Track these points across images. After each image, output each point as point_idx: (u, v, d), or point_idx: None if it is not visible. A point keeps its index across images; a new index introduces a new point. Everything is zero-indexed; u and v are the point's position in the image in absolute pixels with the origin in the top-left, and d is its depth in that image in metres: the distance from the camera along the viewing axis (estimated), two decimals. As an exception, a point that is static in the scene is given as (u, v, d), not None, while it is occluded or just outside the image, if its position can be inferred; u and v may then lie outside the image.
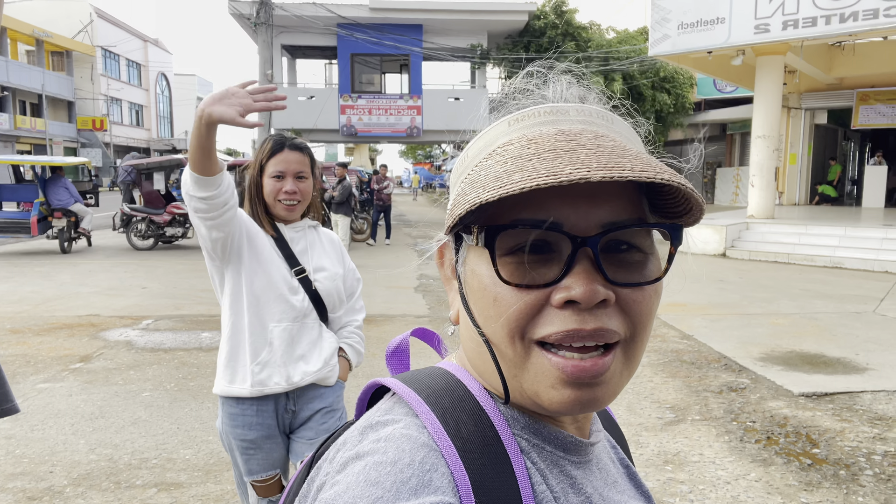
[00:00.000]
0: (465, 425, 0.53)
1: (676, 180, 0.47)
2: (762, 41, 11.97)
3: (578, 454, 0.59)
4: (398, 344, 0.69)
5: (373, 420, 0.55)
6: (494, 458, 0.52)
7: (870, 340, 6.07)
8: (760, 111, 13.10)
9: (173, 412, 4.30)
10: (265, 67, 18.06)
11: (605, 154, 0.48)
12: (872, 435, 3.93)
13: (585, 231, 0.50)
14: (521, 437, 0.56)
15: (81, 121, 40.66)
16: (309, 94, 23.05)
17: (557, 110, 0.56)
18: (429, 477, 0.48)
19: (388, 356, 0.69)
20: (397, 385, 0.57)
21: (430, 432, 0.51)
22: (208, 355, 5.61)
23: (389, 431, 0.52)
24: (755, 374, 5.10)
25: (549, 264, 0.51)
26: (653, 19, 13.10)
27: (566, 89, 0.59)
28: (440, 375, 0.58)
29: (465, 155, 0.59)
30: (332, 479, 0.51)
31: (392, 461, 0.48)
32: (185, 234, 13.53)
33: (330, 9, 21.02)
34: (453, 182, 0.60)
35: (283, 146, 2.04)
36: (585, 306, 0.50)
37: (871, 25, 10.80)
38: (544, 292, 0.51)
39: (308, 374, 2.03)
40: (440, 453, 0.50)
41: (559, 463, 0.57)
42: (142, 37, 48.49)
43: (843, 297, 8.24)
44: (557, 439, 0.57)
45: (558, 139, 0.51)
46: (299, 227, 2.13)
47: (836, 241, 11.42)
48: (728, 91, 21.26)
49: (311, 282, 2.06)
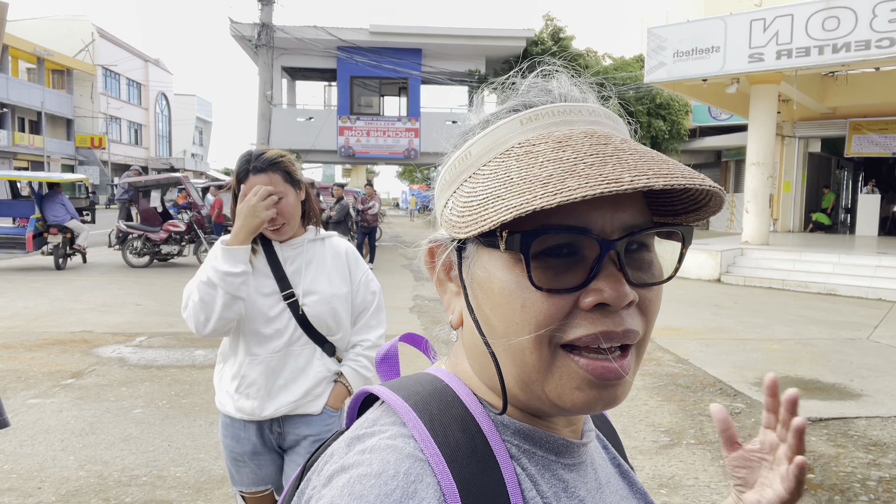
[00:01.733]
0: (452, 432, 0.52)
1: (717, 187, 0.50)
2: (756, 70, 12.14)
3: (571, 456, 0.58)
4: (387, 351, 0.68)
5: (360, 430, 0.54)
6: (483, 465, 0.51)
7: (864, 367, 6.07)
8: (755, 139, 13.24)
9: (164, 429, 4.26)
10: (265, 88, 18.22)
11: (650, 160, 0.49)
12: (867, 461, 3.92)
13: (611, 235, 0.51)
14: (511, 443, 0.55)
15: (80, 138, 40.78)
16: (308, 116, 23.22)
17: (570, 110, 0.55)
18: (413, 488, 0.47)
19: (377, 363, 0.68)
20: (384, 392, 0.56)
21: (417, 440, 0.51)
22: (201, 373, 5.57)
23: (375, 442, 0.51)
24: (750, 399, 5.09)
25: (574, 268, 0.51)
26: (648, 47, 13.29)
27: (570, 87, 0.58)
28: (428, 381, 0.58)
29: (465, 153, 0.56)
30: (318, 493, 0.51)
31: (376, 473, 0.48)
32: (180, 252, 13.52)
33: (331, 32, 21.28)
34: (449, 181, 0.58)
35: (248, 173, 1.90)
36: (615, 308, 0.50)
37: (863, 56, 10.98)
38: (573, 296, 0.51)
39: (282, 406, 1.95)
40: (427, 462, 0.49)
41: (551, 467, 0.56)
42: (143, 56, 48.86)
43: (838, 323, 8.26)
44: (549, 443, 0.57)
45: (593, 143, 0.51)
46: (297, 243, 2.01)
47: (831, 268, 11.47)
48: (723, 119, 21.52)
49: (300, 306, 1.96)
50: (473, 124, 0.59)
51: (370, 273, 2.17)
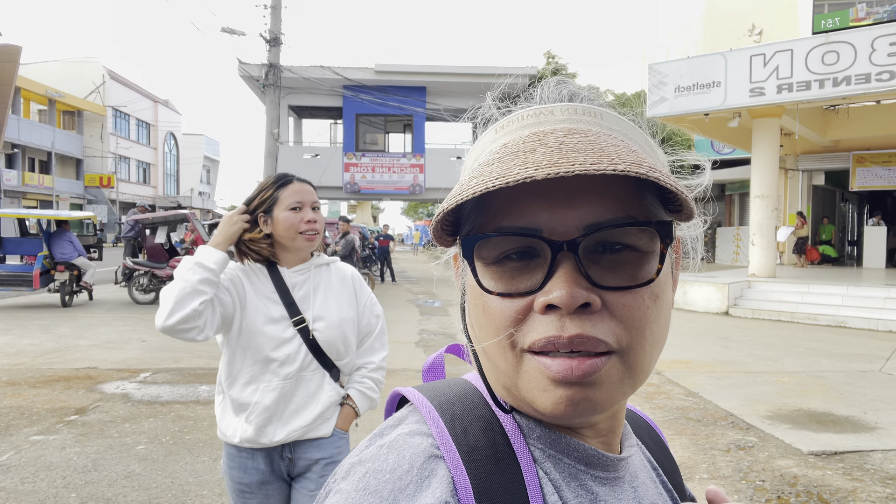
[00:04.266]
0: (473, 431, 0.53)
1: (634, 170, 0.44)
2: (758, 104, 12.26)
3: (605, 469, 0.56)
4: (433, 360, 0.70)
5: (383, 427, 0.56)
6: (502, 465, 0.51)
7: (877, 399, 5.97)
8: (758, 172, 13.29)
9: (168, 466, 4.20)
10: (272, 127, 18.47)
11: (564, 151, 0.47)
12: (885, 495, 3.82)
13: (565, 234, 0.49)
14: (536, 447, 0.54)
15: (89, 178, 41.30)
16: (314, 153, 23.50)
17: (541, 111, 0.54)
18: (427, 482, 0.48)
19: (424, 373, 0.70)
20: (412, 393, 0.58)
21: (435, 437, 0.52)
22: (206, 408, 5.52)
23: (393, 438, 0.53)
24: (763, 433, 5.00)
25: (533, 271, 0.50)
26: (650, 83, 13.46)
27: (553, 90, 0.58)
28: (457, 384, 0.60)
29: (463, 169, 0.61)
30: (336, 486, 0.52)
31: (391, 468, 0.49)
32: (186, 289, 13.52)
33: (336, 71, 21.67)
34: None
35: (293, 179, 2.00)
36: (567, 311, 0.47)
37: (863, 89, 11.09)
38: (529, 299, 0.49)
39: (294, 431, 1.95)
40: (442, 459, 0.50)
41: (578, 476, 0.54)
42: (152, 97, 49.76)
43: (849, 355, 8.15)
44: (577, 451, 0.54)
45: (527, 141, 0.50)
46: (304, 269, 2.03)
47: (839, 300, 11.38)
48: (725, 152, 21.64)
49: (310, 331, 1.97)
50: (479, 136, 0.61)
51: (374, 297, 2.20)
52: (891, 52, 10.75)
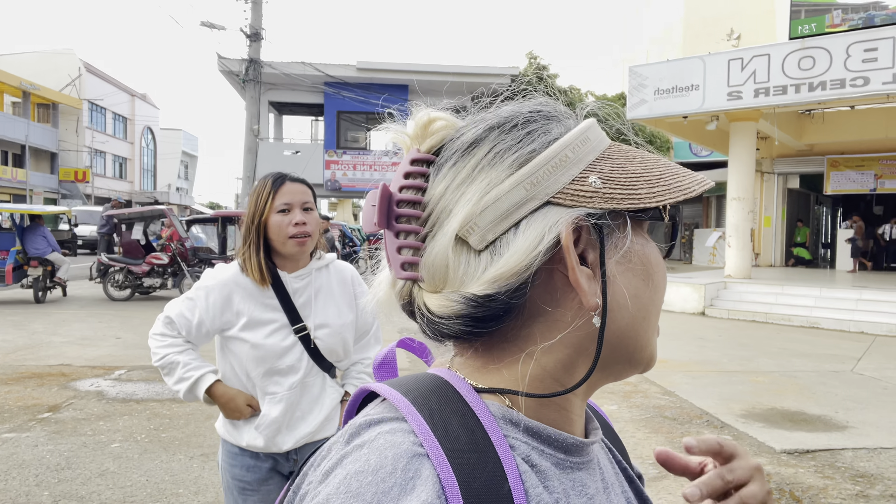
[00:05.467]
0: (453, 426, 0.51)
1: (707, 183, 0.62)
2: (735, 108, 12.43)
3: (580, 455, 0.57)
4: (385, 356, 0.67)
5: (358, 425, 0.53)
6: (484, 459, 0.50)
7: (849, 399, 6.09)
8: (735, 175, 13.48)
9: (143, 464, 4.15)
10: (252, 123, 18.32)
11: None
12: (855, 492, 3.90)
13: None
14: (520, 440, 0.54)
15: (63, 172, 40.54)
16: (294, 150, 23.35)
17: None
18: (412, 484, 0.46)
19: (375, 369, 0.66)
20: (384, 389, 0.55)
21: (417, 434, 0.49)
22: (181, 406, 5.46)
23: (373, 436, 0.50)
24: (737, 431, 5.07)
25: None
26: (630, 85, 13.57)
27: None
28: (428, 378, 0.56)
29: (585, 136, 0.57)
30: (314, 489, 0.49)
31: (374, 469, 0.46)
32: (163, 285, 13.36)
33: (318, 67, 21.55)
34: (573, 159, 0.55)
35: (285, 179, 1.93)
36: None
37: (838, 95, 11.29)
38: None
39: (302, 438, 1.95)
40: (426, 456, 0.48)
41: (561, 465, 0.55)
42: (129, 91, 49.02)
43: (821, 356, 8.31)
44: (558, 441, 0.55)
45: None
46: (305, 273, 1.98)
47: (813, 301, 11.58)
48: (703, 155, 21.91)
49: (311, 339, 1.94)
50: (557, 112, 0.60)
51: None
52: (865, 58, 10.96)
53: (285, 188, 1.91)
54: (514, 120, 0.56)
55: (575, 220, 0.53)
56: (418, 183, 0.56)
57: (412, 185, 0.56)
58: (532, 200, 0.53)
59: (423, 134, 0.58)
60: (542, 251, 0.52)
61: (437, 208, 0.55)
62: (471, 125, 0.57)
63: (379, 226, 0.55)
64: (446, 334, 0.56)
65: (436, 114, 0.58)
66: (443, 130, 0.57)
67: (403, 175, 0.57)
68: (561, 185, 0.53)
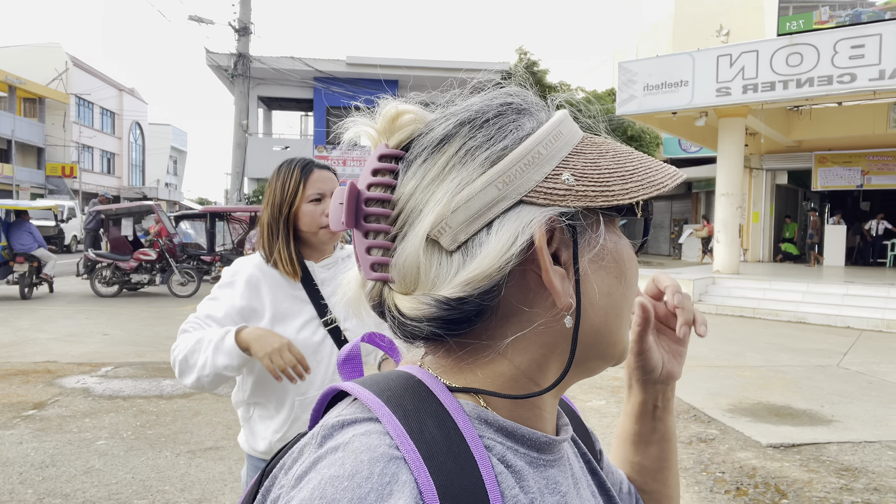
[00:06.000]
0: (428, 427, 0.49)
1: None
2: (724, 104, 12.48)
3: (553, 453, 0.57)
4: (349, 351, 0.65)
5: (330, 426, 0.50)
6: (461, 461, 0.49)
7: (834, 393, 6.14)
8: (723, 170, 13.54)
9: (129, 461, 4.12)
10: (241, 118, 18.21)
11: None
12: (839, 486, 3.94)
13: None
14: (495, 441, 0.53)
15: (51, 167, 40.16)
16: (284, 145, 23.24)
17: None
18: (389, 489, 0.44)
19: (339, 365, 0.64)
20: (355, 388, 0.53)
21: (392, 436, 0.48)
22: (169, 403, 5.43)
23: (348, 439, 0.48)
24: (724, 426, 5.11)
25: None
26: (620, 81, 13.60)
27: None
28: (400, 377, 0.55)
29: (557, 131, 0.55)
30: (286, 493, 0.48)
31: (349, 474, 0.45)
32: (151, 281, 13.28)
33: (307, 62, 21.44)
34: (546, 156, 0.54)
35: (313, 167, 1.82)
36: None
37: (825, 91, 11.36)
38: None
39: None
40: (402, 460, 0.46)
41: (535, 463, 0.55)
42: (117, 86, 48.60)
43: (808, 350, 8.37)
44: (531, 440, 0.55)
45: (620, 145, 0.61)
46: (331, 263, 1.87)
47: (800, 296, 11.67)
48: (693, 151, 22.00)
49: (341, 332, 1.82)
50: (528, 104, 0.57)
51: None
52: (852, 54, 11.03)
53: (315, 176, 1.81)
54: (485, 115, 0.55)
55: (548, 221, 0.51)
56: (387, 180, 0.54)
57: (380, 182, 0.54)
58: (505, 200, 0.51)
59: (391, 128, 0.56)
60: (516, 253, 0.50)
61: (406, 207, 0.53)
62: (441, 119, 0.55)
63: (347, 225, 0.54)
64: (417, 336, 0.54)
65: (403, 107, 0.56)
66: (412, 125, 0.55)
67: (371, 172, 0.55)
68: (534, 184, 0.52)
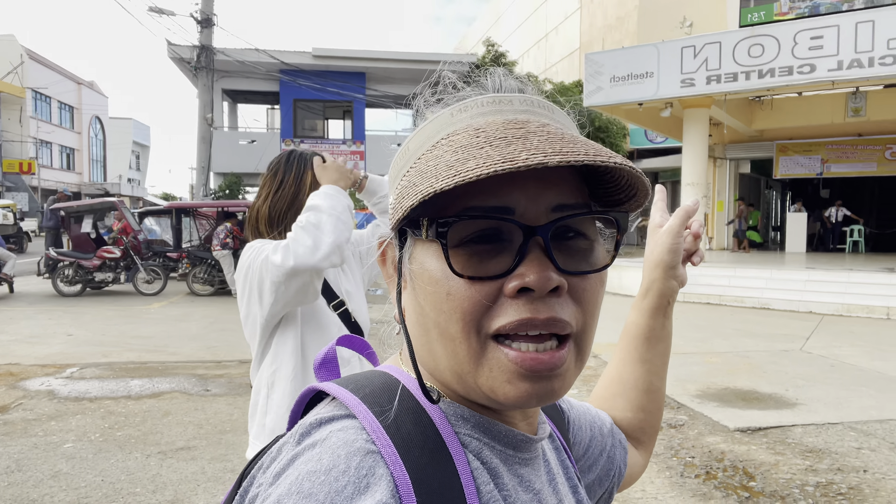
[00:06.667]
0: (404, 424, 0.51)
1: (628, 164, 0.48)
2: (688, 94, 12.68)
3: (528, 451, 0.58)
4: (325, 354, 0.65)
5: (308, 424, 0.52)
6: (436, 457, 0.50)
7: (798, 377, 6.31)
8: (688, 160, 13.77)
9: (98, 464, 4.04)
10: (205, 111, 17.89)
11: (557, 140, 0.49)
12: (804, 467, 4.05)
13: (536, 218, 0.50)
14: (472, 437, 0.54)
15: (7, 164, 38.95)
16: (250, 139, 22.90)
17: (500, 100, 0.55)
18: (365, 482, 0.45)
19: (316, 369, 0.65)
20: (333, 388, 0.54)
21: (369, 432, 0.49)
22: (137, 403, 5.33)
23: (325, 435, 0.49)
24: (693, 411, 5.21)
25: (500, 254, 0.50)
26: (587, 72, 13.71)
27: (504, 80, 0.58)
28: (377, 376, 0.56)
29: (404, 149, 0.57)
30: (265, 491, 0.48)
31: (326, 469, 0.46)
32: (115, 280, 12.99)
33: (273, 55, 21.12)
34: (393, 178, 0.59)
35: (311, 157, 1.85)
36: (539, 294, 0.49)
37: (786, 81, 11.62)
38: (498, 283, 0.50)
39: None
40: (379, 454, 0.47)
41: (509, 461, 0.56)
42: (76, 79, 47.30)
43: (772, 336, 8.58)
44: (507, 437, 0.56)
45: (507, 127, 0.51)
46: None
47: (764, 283, 11.94)
48: (659, 141, 22.31)
49: (350, 314, 1.82)
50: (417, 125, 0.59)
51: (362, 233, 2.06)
52: (811, 45, 11.28)
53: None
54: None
55: (380, 237, 0.59)
56: None
57: None
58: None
59: None
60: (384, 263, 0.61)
61: None
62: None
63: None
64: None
65: None
66: None
67: None
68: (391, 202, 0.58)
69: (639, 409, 0.87)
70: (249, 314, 1.73)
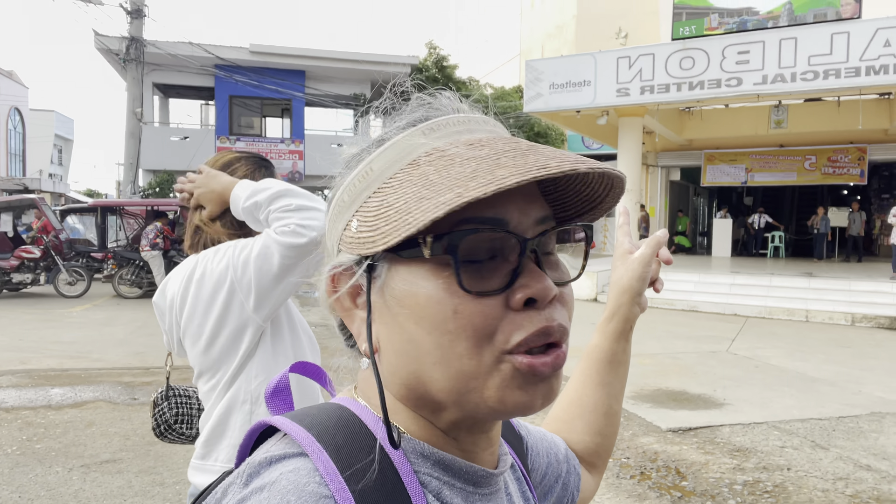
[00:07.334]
0: (360, 463, 0.48)
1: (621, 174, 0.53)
2: (623, 104, 13.05)
3: (489, 486, 0.56)
4: (277, 383, 0.61)
5: (257, 463, 0.48)
6: (394, 500, 0.48)
7: (725, 377, 6.58)
8: (623, 167, 14.15)
9: (15, 479, 3.80)
10: (134, 105, 17.20)
11: (554, 152, 0.49)
12: (733, 466, 4.22)
13: (526, 230, 0.51)
14: (431, 476, 0.52)
15: (-87, 155, 36.40)
16: (183, 135, 22.14)
17: (469, 119, 0.55)
18: None
19: (268, 399, 0.61)
20: (284, 423, 0.51)
21: (322, 474, 0.46)
22: (58, 414, 5.05)
23: (275, 477, 0.46)
24: (627, 412, 5.34)
25: (497, 270, 0.50)
26: (527, 78, 13.91)
27: (457, 102, 0.57)
28: (333, 410, 0.53)
29: (366, 170, 0.53)
30: None
31: None
32: (35, 281, 12.31)
33: (207, 49, 20.50)
34: (348, 201, 0.54)
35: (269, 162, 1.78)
36: (542, 304, 0.50)
37: (714, 94, 12.12)
38: (501, 298, 0.49)
39: None
40: (332, 499, 0.45)
41: (469, 498, 0.54)
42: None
43: (700, 337, 8.92)
44: (468, 474, 0.54)
45: (506, 142, 0.51)
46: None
47: (692, 286, 12.41)
48: (595, 148, 22.88)
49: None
50: (366, 145, 0.56)
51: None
52: (738, 59, 11.81)
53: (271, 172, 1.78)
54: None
55: (331, 269, 0.55)
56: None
57: None
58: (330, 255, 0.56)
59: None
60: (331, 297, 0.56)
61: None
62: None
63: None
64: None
65: None
66: None
67: None
68: (339, 234, 0.54)
69: (596, 433, 0.88)
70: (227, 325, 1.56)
